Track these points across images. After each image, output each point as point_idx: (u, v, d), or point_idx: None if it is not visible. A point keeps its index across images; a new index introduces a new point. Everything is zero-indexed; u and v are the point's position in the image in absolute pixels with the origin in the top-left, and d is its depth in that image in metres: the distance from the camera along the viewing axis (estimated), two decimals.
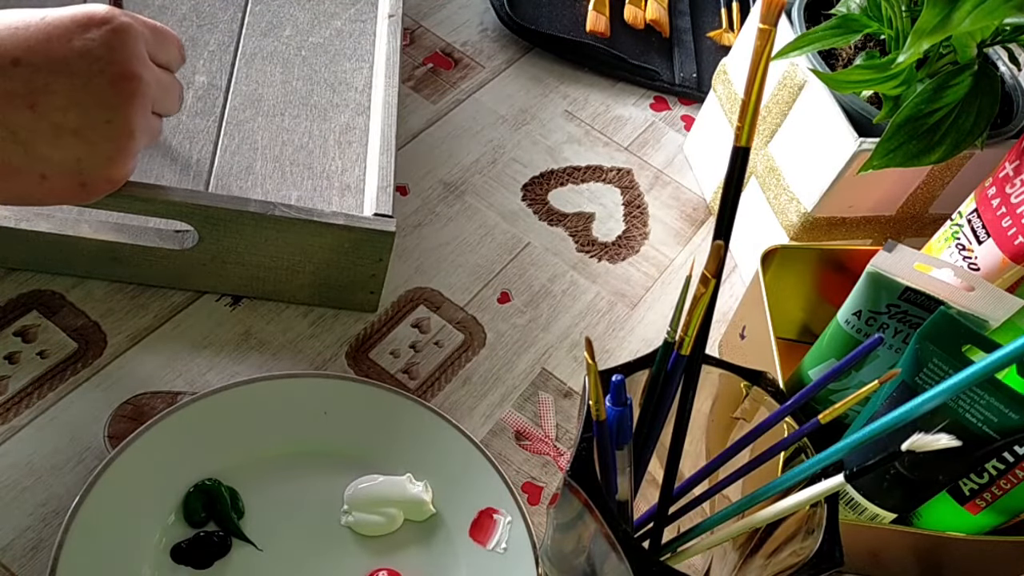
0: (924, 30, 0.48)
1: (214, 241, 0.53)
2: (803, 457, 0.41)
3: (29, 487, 0.48)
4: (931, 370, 0.47)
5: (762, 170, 0.66)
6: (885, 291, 0.51)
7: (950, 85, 0.53)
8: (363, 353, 0.58)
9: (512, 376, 0.60)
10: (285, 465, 0.51)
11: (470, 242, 0.66)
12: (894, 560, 0.53)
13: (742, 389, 0.44)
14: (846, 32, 0.56)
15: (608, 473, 0.39)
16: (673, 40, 0.85)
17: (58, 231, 0.53)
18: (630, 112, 0.79)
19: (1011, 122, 0.61)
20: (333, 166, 0.60)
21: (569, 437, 0.58)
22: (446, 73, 0.76)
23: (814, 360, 0.55)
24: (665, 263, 0.69)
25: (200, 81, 0.63)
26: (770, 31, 0.34)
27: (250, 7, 0.69)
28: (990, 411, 0.46)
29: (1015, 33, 0.54)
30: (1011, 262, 0.51)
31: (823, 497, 0.38)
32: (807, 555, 0.38)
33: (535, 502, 0.54)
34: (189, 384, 0.54)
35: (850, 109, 0.58)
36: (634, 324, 0.65)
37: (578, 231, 0.69)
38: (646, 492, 0.46)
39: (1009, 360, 0.33)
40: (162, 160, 0.58)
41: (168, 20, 0.66)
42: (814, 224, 0.62)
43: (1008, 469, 0.48)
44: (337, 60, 0.67)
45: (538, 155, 0.73)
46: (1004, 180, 0.52)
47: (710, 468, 0.43)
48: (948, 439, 0.33)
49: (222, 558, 0.47)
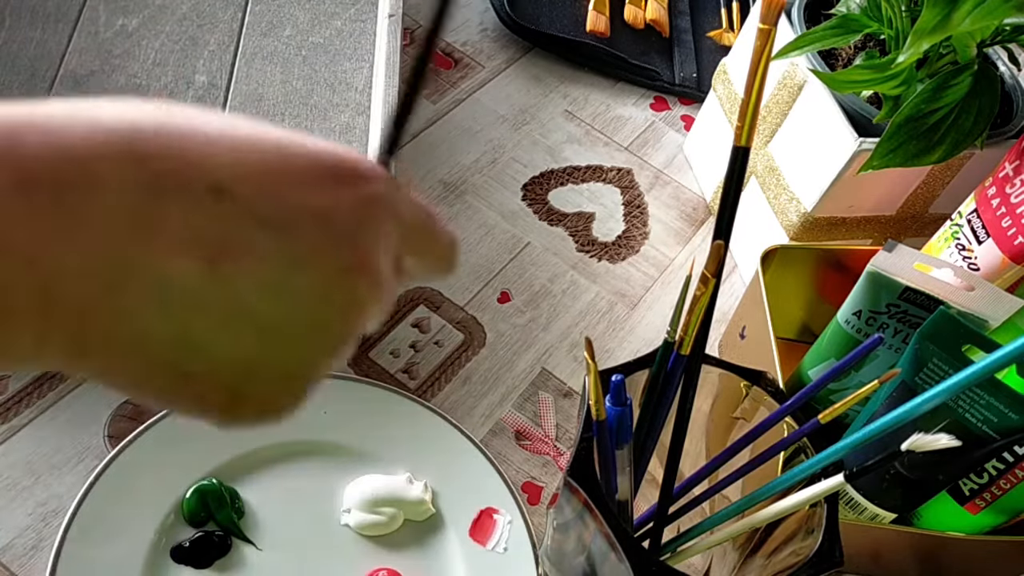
0: (924, 30, 0.48)
1: None
2: (803, 457, 0.41)
3: (29, 487, 0.48)
4: (931, 370, 0.47)
5: (762, 170, 0.66)
6: (885, 291, 0.51)
7: (950, 85, 0.53)
8: (363, 353, 0.58)
9: (512, 376, 0.60)
10: (285, 465, 0.51)
11: (470, 242, 0.66)
12: (894, 560, 0.53)
13: (742, 389, 0.44)
14: (846, 32, 0.56)
15: (608, 473, 0.39)
16: (673, 40, 0.85)
17: None
18: (630, 112, 0.79)
19: (1011, 122, 0.61)
20: None
21: (569, 437, 0.58)
22: (446, 73, 0.76)
23: (814, 360, 0.55)
24: (665, 263, 0.69)
25: (200, 81, 0.63)
26: (770, 31, 0.34)
27: (250, 7, 0.69)
28: (990, 411, 0.46)
29: (1015, 33, 0.54)
30: (1011, 262, 0.51)
31: (823, 497, 0.38)
32: (807, 555, 0.38)
33: (535, 502, 0.54)
34: None
35: (850, 109, 0.58)
36: (634, 324, 0.65)
37: (578, 231, 0.69)
38: (646, 492, 0.46)
39: (1009, 360, 0.33)
40: None
41: (168, 20, 0.66)
42: (814, 224, 0.62)
43: (1008, 469, 0.48)
44: (337, 60, 0.67)
45: (538, 155, 0.73)
46: (1004, 180, 0.52)
47: (710, 468, 0.43)
48: (948, 439, 0.33)
49: (222, 558, 0.47)
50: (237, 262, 0.24)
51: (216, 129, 0.25)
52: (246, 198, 0.24)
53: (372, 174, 0.28)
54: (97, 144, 0.22)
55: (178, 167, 0.23)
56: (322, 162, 0.26)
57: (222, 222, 0.24)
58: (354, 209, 0.27)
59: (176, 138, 0.23)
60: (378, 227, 0.27)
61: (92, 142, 0.22)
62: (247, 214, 0.24)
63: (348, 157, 0.27)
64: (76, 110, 0.23)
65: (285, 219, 0.25)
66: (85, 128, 0.22)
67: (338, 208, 0.26)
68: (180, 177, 0.23)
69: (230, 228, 0.24)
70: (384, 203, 0.28)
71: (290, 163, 0.26)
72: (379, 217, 0.27)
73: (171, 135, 0.23)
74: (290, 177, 0.25)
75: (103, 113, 0.23)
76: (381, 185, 0.27)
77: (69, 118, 0.22)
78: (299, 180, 0.26)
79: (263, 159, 0.25)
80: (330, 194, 0.26)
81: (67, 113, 0.22)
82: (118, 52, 0.63)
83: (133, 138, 0.23)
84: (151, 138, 0.23)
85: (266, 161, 0.25)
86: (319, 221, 0.25)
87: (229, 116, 0.25)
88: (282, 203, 0.25)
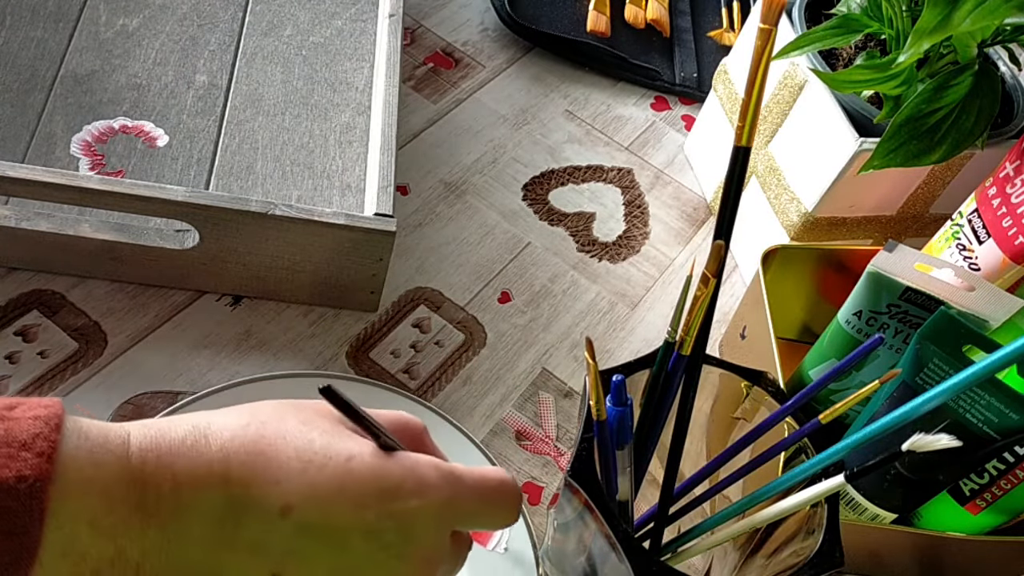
0: (925, 30, 0.48)
1: (214, 241, 0.53)
2: (803, 457, 0.41)
3: None
4: (931, 370, 0.47)
5: (763, 170, 0.66)
6: (886, 291, 0.51)
7: (950, 85, 0.53)
8: (363, 353, 0.58)
9: (512, 376, 0.60)
10: None
11: (471, 242, 0.66)
12: (894, 560, 0.53)
13: (742, 389, 0.44)
14: (846, 32, 0.56)
15: (608, 473, 0.39)
16: (674, 40, 0.85)
17: (58, 231, 0.53)
18: (631, 112, 0.79)
19: (1011, 122, 0.61)
20: (334, 166, 0.60)
21: (569, 437, 0.58)
22: (447, 73, 0.76)
23: (815, 360, 0.55)
24: (666, 263, 0.69)
25: (201, 81, 0.63)
26: (771, 31, 0.34)
27: (251, 7, 0.69)
28: (990, 411, 0.46)
29: (1015, 33, 0.54)
30: (1011, 262, 0.51)
31: (823, 497, 0.38)
32: (807, 555, 0.38)
33: (535, 502, 0.54)
34: (190, 384, 0.54)
35: (851, 109, 0.58)
36: (635, 324, 0.65)
37: (579, 231, 0.69)
38: (646, 492, 0.46)
39: (1009, 360, 0.33)
40: (162, 160, 0.58)
41: (168, 20, 0.66)
42: (815, 224, 0.62)
43: (1008, 469, 0.48)
44: (338, 60, 0.67)
45: (539, 155, 0.73)
46: (1004, 180, 0.52)
47: (710, 468, 0.43)
48: (948, 439, 0.33)
49: None
50: (297, 569, 0.30)
51: (293, 450, 0.30)
52: (305, 517, 0.29)
53: (424, 482, 0.32)
54: (200, 478, 0.29)
55: (257, 493, 0.29)
56: (383, 480, 0.31)
57: (285, 538, 0.29)
58: (403, 522, 0.31)
59: (261, 465, 0.30)
60: (434, 530, 0.32)
61: (195, 475, 0.29)
62: (308, 530, 0.30)
63: (406, 475, 0.31)
64: (191, 442, 0.30)
65: (339, 532, 0.30)
66: (190, 463, 0.29)
67: (388, 524, 0.30)
68: (258, 499, 0.29)
69: (292, 542, 0.29)
70: (438, 509, 0.32)
71: (354, 480, 0.30)
72: (433, 523, 0.32)
73: (256, 463, 0.30)
74: (351, 493, 0.30)
75: (210, 448, 0.30)
76: (434, 491, 0.32)
77: (184, 448, 0.29)
78: (359, 496, 0.30)
79: (333, 477, 0.30)
80: (385, 509, 0.31)
81: (183, 443, 0.29)
82: (118, 52, 0.63)
83: (227, 470, 0.29)
84: (237, 468, 0.29)
85: (335, 479, 0.30)
86: (369, 536, 0.30)
87: (305, 431, 0.31)
88: (338, 520, 0.30)
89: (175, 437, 0.29)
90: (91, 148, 0.58)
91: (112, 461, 0.27)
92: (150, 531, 0.28)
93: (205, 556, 0.29)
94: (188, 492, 0.28)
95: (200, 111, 0.61)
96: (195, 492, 0.28)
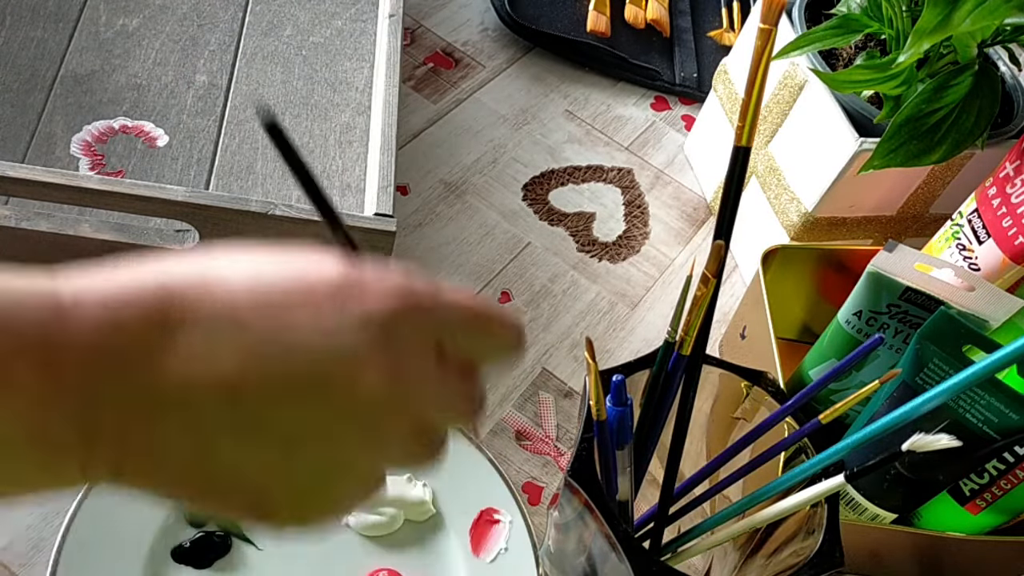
0: (925, 30, 0.48)
1: (214, 241, 0.53)
2: (803, 457, 0.41)
3: None
4: (931, 370, 0.47)
5: (763, 170, 0.66)
6: (886, 291, 0.51)
7: (950, 85, 0.53)
8: None
9: (512, 376, 0.60)
10: None
11: (470, 242, 0.66)
12: (894, 560, 0.53)
13: (742, 389, 0.44)
14: (846, 32, 0.56)
15: (608, 473, 0.39)
16: (674, 40, 0.85)
17: (58, 231, 0.53)
18: (631, 112, 0.79)
19: (1011, 122, 0.61)
20: (333, 166, 0.60)
21: (569, 437, 0.58)
22: (447, 73, 0.76)
23: (815, 360, 0.55)
24: (666, 263, 0.69)
25: (201, 81, 0.63)
26: (771, 31, 0.34)
27: (251, 7, 0.69)
28: (990, 411, 0.46)
29: (1015, 33, 0.54)
30: (1011, 262, 0.51)
31: (823, 497, 0.38)
32: (808, 555, 0.38)
33: (535, 502, 0.54)
34: None
35: (851, 109, 0.58)
36: (635, 324, 0.65)
37: (579, 231, 0.69)
38: (646, 492, 0.46)
39: (1009, 360, 0.33)
40: (162, 160, 0.58)
41: (168, 20, 0.66)
42: (815, 224, 0.62)
43: (1008, 469, 0.48)
44: (338, 60, 0.67)
45: (539, 155, 0.73)
46: (1004, 180, 0.52)
47: (710, 468, 0.43)
48: (948, 439, 0.33)
49: (222, 558, 0.47)
50: (255, 387, 0.26)
51: (238, 272, 0.27)
52: (261, 329, 0.26)
53: (385, 287, 0.27)
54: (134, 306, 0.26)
55: (203, 307, 0.26)
56: (324, 284, 0.27)
57: (244, 351, 0.25)
58: (364, 321, 0.26)
59: (202, 286, 0.26)
60: (402, 332, 0.27)
61: (132, 306, 0.26)
62: (266, 343, 0.26)
63: (348, 274, 0.27)
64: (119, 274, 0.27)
65: (294, 344, 0.26)
66: (123, 293, 0.26)
67: (342, 326, 0.26)
68: (204, 312, 0.26)
69: (248, 357, 0.25)
70: (408, 311, 0.27)
71: (296, 289, 0.26)
72: (404, 323, 0.27)
73: (198, 284, 0.26)
74: (297, 302, 0.26)
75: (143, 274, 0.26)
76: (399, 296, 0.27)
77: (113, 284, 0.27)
78: (309, 304, 0.26)
79: (271, 291, 0.26)
80: (336, 314, 0.26)
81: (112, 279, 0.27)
82: (118, 52, 0.63)
83: (164, 295, 0.26)
84: (179, 292, 0.26)
85: (274, 292, 0.26)
86: (326, 339, 0.26)
87: (251, 257, 0.27)
88: (292, 329, 0.26)
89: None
90: (91, 148, 0.58)
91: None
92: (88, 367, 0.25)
93: (151, 382, 0.25)
94: (124, 333, 0.26)
95: (200, 111, 0.61)
96: (128, 328, 0.26)
